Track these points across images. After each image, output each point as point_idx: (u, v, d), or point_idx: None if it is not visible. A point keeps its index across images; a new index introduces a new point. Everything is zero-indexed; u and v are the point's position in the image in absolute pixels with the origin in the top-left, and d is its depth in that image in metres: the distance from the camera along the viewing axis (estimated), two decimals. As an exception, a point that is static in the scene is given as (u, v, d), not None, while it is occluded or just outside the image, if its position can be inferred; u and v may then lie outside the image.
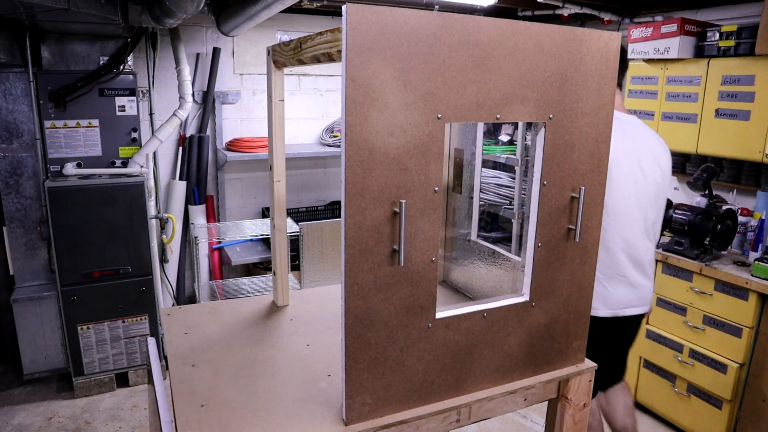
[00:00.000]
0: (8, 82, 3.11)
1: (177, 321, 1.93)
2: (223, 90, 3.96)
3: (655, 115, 3.28)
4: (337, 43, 1.31)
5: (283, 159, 1.98)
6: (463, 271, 2.08)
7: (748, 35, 2.80)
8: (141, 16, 2.90)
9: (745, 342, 2.66)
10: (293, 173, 4.28)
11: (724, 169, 3.23)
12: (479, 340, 1.47)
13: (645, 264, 2.21)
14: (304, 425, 1.35)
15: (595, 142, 1.51)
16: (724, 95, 2.91)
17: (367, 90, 1.18)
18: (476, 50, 1.28)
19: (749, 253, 2.93)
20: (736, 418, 2.76)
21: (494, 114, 1.35)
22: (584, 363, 1.68)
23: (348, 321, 1.27)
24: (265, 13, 2.79)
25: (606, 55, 1.46)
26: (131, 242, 3.23)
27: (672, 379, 3.01)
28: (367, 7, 1.14)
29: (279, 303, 2.07)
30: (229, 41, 3.92)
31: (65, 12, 2.25)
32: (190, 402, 1.44)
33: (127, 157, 3.38)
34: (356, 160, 1.20)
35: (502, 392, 1.53)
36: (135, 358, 3.37)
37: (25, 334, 3.25)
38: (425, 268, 1.34)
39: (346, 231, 1.23)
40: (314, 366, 1.62)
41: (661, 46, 3.11)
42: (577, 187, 1.50)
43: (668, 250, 2.98)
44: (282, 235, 2.07)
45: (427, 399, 1.44)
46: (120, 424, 3.04)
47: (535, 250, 1.50)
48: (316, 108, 4.32)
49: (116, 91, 3.28)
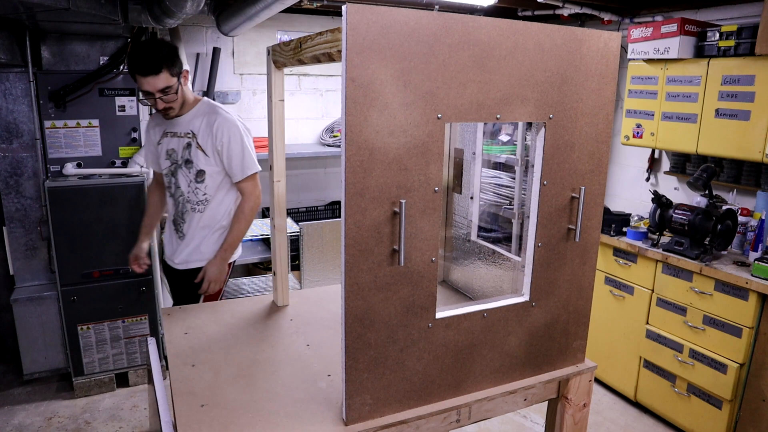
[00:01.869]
0: (8, 82, 3.11)
1: (177, 321, 1.93)
2: (223, 90, 3.96)
3: (655, 115, 3.28)
4: (337, 43, 1.31)
5: (283, 159, 1.99)
6: (463, 271, 2.08)
7: (748, 35, 2.79)
8: (141, 16, 2.89)
9: (745, 342, 2.66)
10: (293, 173, 4.28)
11: (724, 169, 3.23)
12: (479, 340, 1.47)
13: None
14: (304, 425, 1.35)
15: (595, 142, 1.51)
16: (724, 95, 2.91)
17: (367, 90, 1.18)
18: (476, 50, 1.28)
19: (749, 253, 2.93)
20: (736, 418, 2.76)
21: (494, 114, 1.35)
22: (584, 363, 1.69)
23: (348, 321, 1.27)
24: (265, 13, 2.79)
25: (606, 55, 1.46)
26: (131, 242, 3.21)
27: (672, 379, 3.01)
28: (367, 7, 1.14)
29: (279, 303, 2.07)
30: (229, 41, 3.92)
31: (65, 12, 2.25)
32: (190, 402, 1.44)
33: (127, 157, 3.38)
34: (356, 160, 1.20)
35: (502, 392, 1.53)
36: (135, 358, 3.37)
37: (25, 334, 3.24)
38: (425, 268, 1.34)
39: (346, 231, 1.23)
40: (314, 366, 1.62)
41: (661, 46, 3.11)
42: (577, 187, 1.50)
43: (668, 250, 2.98)
44: (282, 235, 2.07)
45: (427, 399, 1.44)
46: (120, 424, 3.04)
47: (535, 250, 1.50)
48: (316, 108, 4.32)
49: (116, 91, 3.27)
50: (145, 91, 2.16)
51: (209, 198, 2.35)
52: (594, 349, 3.30)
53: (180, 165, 2.34)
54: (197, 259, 2.41)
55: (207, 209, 2.36)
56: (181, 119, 2.32)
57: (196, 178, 2.33)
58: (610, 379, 3.43)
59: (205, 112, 2.31)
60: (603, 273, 3.37)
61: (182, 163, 2.33)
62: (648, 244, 3.12)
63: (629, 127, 3.45)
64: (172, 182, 2.39)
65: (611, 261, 3.31)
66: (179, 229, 2.43)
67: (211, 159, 2.29)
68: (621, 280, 3.27)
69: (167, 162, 2.37)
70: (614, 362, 3.35)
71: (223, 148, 2.28)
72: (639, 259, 3.14)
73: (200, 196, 2.35)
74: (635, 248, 3.12)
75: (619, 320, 3.29)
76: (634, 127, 3.42)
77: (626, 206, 3.93)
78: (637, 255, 3.14)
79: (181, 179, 2.35)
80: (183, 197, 2.38)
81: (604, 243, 3.31)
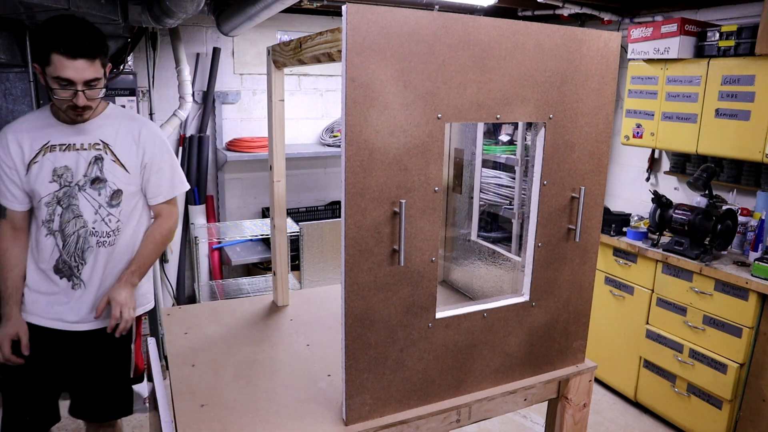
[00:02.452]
0: (8, 82, 3.11)
1: (177, 321, 1.93)
2: (223, 90, 3.96)
3: (655, 115, 3.28)
4: (337, 43, 1.31)
5: (283, 159, 1.98)
6: (463, 271, 2.08)
7: (748, 35, 2.79)
8: (141, 16, 2.89)
9: (745, 342, 2.66)
10: (293, 173, 4.28)
11: (724, 169, 3.23)
12: (479, 340, 1.47)
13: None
14: (304, 425, 1.35)
15: (595, 142, 1.51)
16: (724, 95, 2.91)
17: (367, 90, 1.18)
18: (476, 50, 1.28)
19: (749, 253, 2.93)
20: (736, 418, 2.76)
21: (494, 114, 1.35)
22: (584, 363, 1.69)
23: (348, 321, 1.27)
24: (265, 13, 2.79)
25: (606, 55, 1.46)
26: (131, 242, 3.22)
27: (672, 379, 3.01)
28: (367, 7, 1.14)
29: (279, 303, 2.07)
30: (229, 41, 3.92)
31: (65, 12, 2.25)
32: (190, 402, 1.44)
33: (127, 157, 3.37)
34: (356, 160, 1.20)
35: (502, 392, 1.53)
36: (135, 358, 3.37)
37: (25, 334, 3.24)
38: (425, 268, 1.34)
39: (346, 231, 1.23)
40: (314, 366, 1.62)
41: (661, 46, 3.11)
42: (577, 187, 1.50)
43: (668, 250, 2.98)
44: (282, 235, 2.07)
45: (427, 399, 1.44)
46: (120, 424, 3.04)
47: (535, 250, 1.50)
48: (316, 108, 4.32)
49: (116, 91, 3.27)
50: (65, 78, 1.62)
51: (121, 226, 1.86)
52: (594, 349, 3.30)
53: (82, 186, 1.79)
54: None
55: (118, 241, 1.86)
56: (83, 126, 1.80)
57: (110, 200, 1.82)
58: (610, 379, 3.43)
59: (120, 118, 1.86)
60: (603, 273, 3.37)
61: (86, 183, 1.79)
62: (648, 244, 3.12)
63: (629, 127, 3.45)
64: (60, 213, 1.79)
65: (611, 261, 3.31)
66: (74, 274, 1.83)
67: (132, 176, 1.85)
68: (621, 280, 3.27)
69: (53, 186, 1.77)
70: (614, 362, 3.35)
71: (152, 163, 1.87)
72: (639, 259, 3.14)
73: (113, 224, 1.84)
74: (635, 248, 3.12)
75: (619, 320, 3.29)
76: (634, 127, 3.42)
77: (626, 206, 3.93)
78: (637, 255, 3.14)
79: (83, 206, 1.80)
80: (85, 229, 1.81)
81: (604, 243, 3.31)
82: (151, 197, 1.92)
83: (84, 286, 1.85)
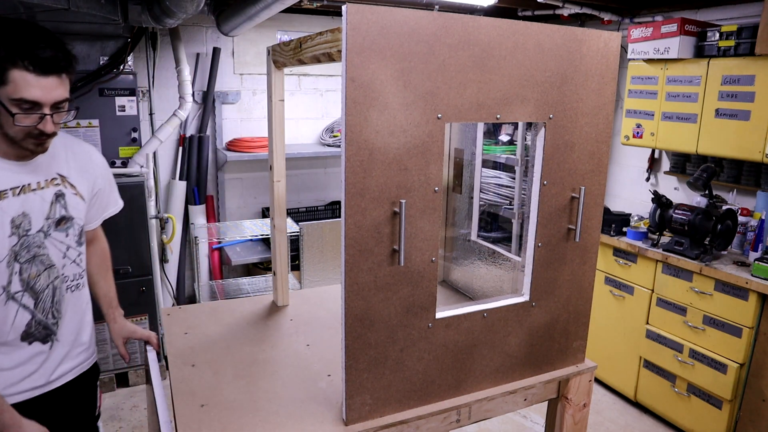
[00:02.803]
0: None
1: (177, 321, 1.93)
2: (223, 90, 3.96)
3: (655, 115, 3.28)
4: (337, 43, 1.31)
5: (283, 159, 1.98)
6: (463, 271, 2.08)
7: (748, 35, 2.80)
8: (141, 16, 2.90)
9: (745, 342, 2.66)
10: (293, 173, 4.28)
11: (724, 169, 3.23)
12: (479, 340, 1.47)
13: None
14: (304, 425, 1.35)
15: (595, 142, 1.51)
16: (724, 95, 2.91)
17: (367, 90, 1.18)
18: (476, 50, 1.28)
19: (749, 253, 2.93)
20: (736, 418, 2.76)
21: (494, 114, 1.35)
22: (584, 363, 1.69)
23: (348, 321, 1.27)
24: (265, 13, 2.79)
25: (606, 55, 1.46)
26: (131, 242, 3.22)
27: (672, 379, 3.01)
28: (367, 7, 1.14)
29: (279, 303, 2.07)
30: (229, 41, 3.92)
31: (65, 12, 2.26)
32: (190, 402, 1.44)
33: (127, 157, 3.38)
34: (356, 160, 1.20)
35: (502, 392, 1.53)
36: (135, 358, 3.37)
37: (24, 334, 3.24)
38: (425, 268, 1.34)
39: (346, 231, 1.23)
40: (314, 366, 1.62)
41: (661, 46, 3.11)
42: (577, 187, 1.50)
43: (668, 250, 2.98)
44: (282, 235, 2.07)
45: (427, 399, 1.44)
46: (120, 424, 3.04)
47: (535, 250, 1.50)
48: (316, 108, 4.32)
49: (116, 91, 3.28)
50: (29, 100, 1.29)
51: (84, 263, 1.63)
52: (594, 349, 3.30)
53: (47, 232, 1.48)
54: (79, 352, 1.65)
55: (83, 280, 1.63)
56: (36, 161, 1.46)
57: (78, 239, 1.57)
58: (610, 379, 3.43)
59: (65, 144, 1.57)
60: (603, 273, 3.37)
61: (50, 227, 1.48)
62: (648, 244, 3.12)
63: (629, 127, 3.46)
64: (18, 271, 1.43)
65: (611, 261, 3.31)
66: (51, 332, 1.53)
67: (87, 205, 1.61)
68: (621, 280, 3.27)
69: (11, 240, 1.40)
70: (614, 362, 3.35)
71: (102, 189, 1.65)
72: (639, 259, 3.14)
73: (82, 264, 1.61)
74: (635, 248, 3.12)
75: (619, 320, 3.29)
76: (634, 127, 3.42)
77: (626, 206, 3.93)
78: (637, 255, 3.14)
79: (53, 253, 1.49)
80: (58, 279, 1.52)
81: (604, 243, 3.31)
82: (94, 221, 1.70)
83: (59, 342, 1.57)
